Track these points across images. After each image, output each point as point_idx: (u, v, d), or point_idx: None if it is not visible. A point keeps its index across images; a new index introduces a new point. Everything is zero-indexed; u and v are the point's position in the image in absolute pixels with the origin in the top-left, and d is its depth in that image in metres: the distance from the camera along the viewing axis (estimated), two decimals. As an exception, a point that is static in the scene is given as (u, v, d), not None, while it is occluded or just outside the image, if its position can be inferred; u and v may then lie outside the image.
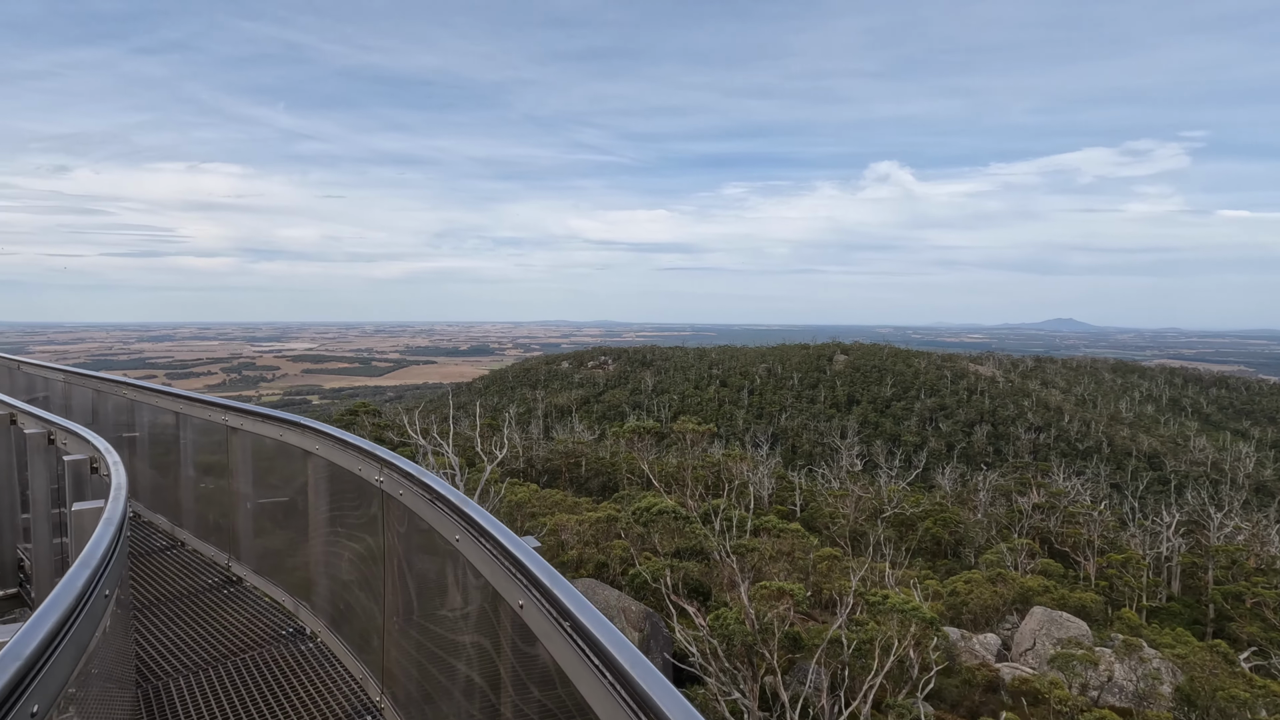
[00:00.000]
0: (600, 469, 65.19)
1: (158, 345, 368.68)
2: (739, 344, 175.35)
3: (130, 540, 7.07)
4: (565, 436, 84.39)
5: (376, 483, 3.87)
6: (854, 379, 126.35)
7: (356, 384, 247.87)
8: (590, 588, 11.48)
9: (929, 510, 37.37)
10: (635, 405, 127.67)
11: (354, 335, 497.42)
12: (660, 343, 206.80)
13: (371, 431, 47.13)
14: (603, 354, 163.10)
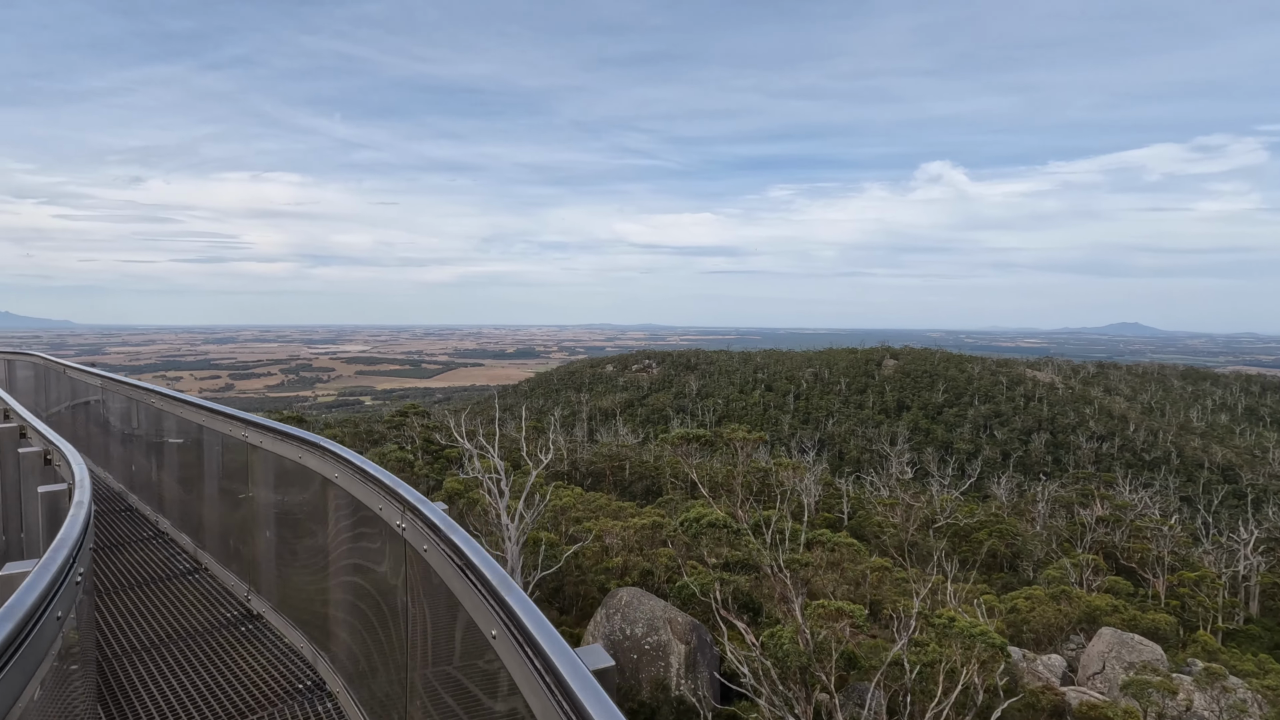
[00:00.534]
0: (644, 473, 65.02)
1: (221, 347, 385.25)
2: (785, 348, 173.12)
3: (159, 561, 6.84)
4: (609, 439, 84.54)
5: (398, 529, 3.33)
6: (904, 384, 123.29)
7: (407, 385, 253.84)
8: (635, 597, 11.28)
9: (984, 521, 36.03)
10: (679, 409, 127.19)
11: (405, 338, 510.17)
12: (705, 346, 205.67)
13: (421, 432, 47.98)
14: (647, 357, 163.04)
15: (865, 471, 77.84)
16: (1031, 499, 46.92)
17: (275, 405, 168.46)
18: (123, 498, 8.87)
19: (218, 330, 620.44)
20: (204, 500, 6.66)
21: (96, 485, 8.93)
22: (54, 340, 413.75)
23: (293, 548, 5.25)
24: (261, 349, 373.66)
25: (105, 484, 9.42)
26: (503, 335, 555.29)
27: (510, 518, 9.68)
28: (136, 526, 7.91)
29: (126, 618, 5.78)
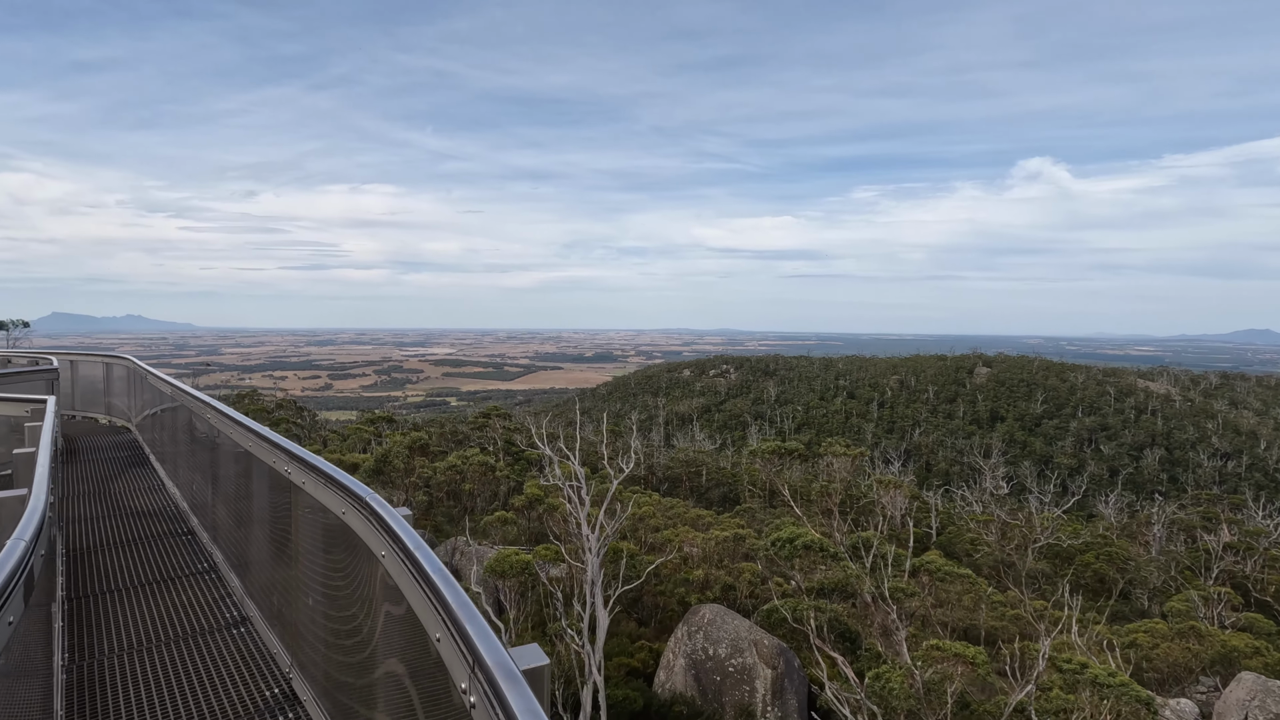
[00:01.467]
0: (721, 479, 64.20)
1: (322, 349, 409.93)
2: (868, 354, 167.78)
3: (206, 605, 6.00)
4: (686, 445, 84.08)
5: (462, 694, 2.11)
6: (998, 393, 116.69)
7: (490, 387, 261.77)
8: (719, 615, 10.85)
9: (1091, 543, 33.39)
10: (757, 415, 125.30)
11: (489, 341, 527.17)
12: (784, 351, 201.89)
13: (502, 434, 49.12)
14: (724, 362, 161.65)
15: (955, 484, 74.02)
16: (1145, 521, 43.17)
17: (368, 404, 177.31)
18: (185, 519, 8.40)
19: (319, 333, 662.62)
20: (251, 541, 5.89)
21: (163, 503, 8.84)
22: (178, 342, 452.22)
23: (338, 629, 4.11)
24: (357, 351, 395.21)
25: (174, 502, 8.96)
26: (581, 339, 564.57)
27: (590, 527, 9.52)
28: (192, 558, 7.27)
29: (161, 675, 4.92)
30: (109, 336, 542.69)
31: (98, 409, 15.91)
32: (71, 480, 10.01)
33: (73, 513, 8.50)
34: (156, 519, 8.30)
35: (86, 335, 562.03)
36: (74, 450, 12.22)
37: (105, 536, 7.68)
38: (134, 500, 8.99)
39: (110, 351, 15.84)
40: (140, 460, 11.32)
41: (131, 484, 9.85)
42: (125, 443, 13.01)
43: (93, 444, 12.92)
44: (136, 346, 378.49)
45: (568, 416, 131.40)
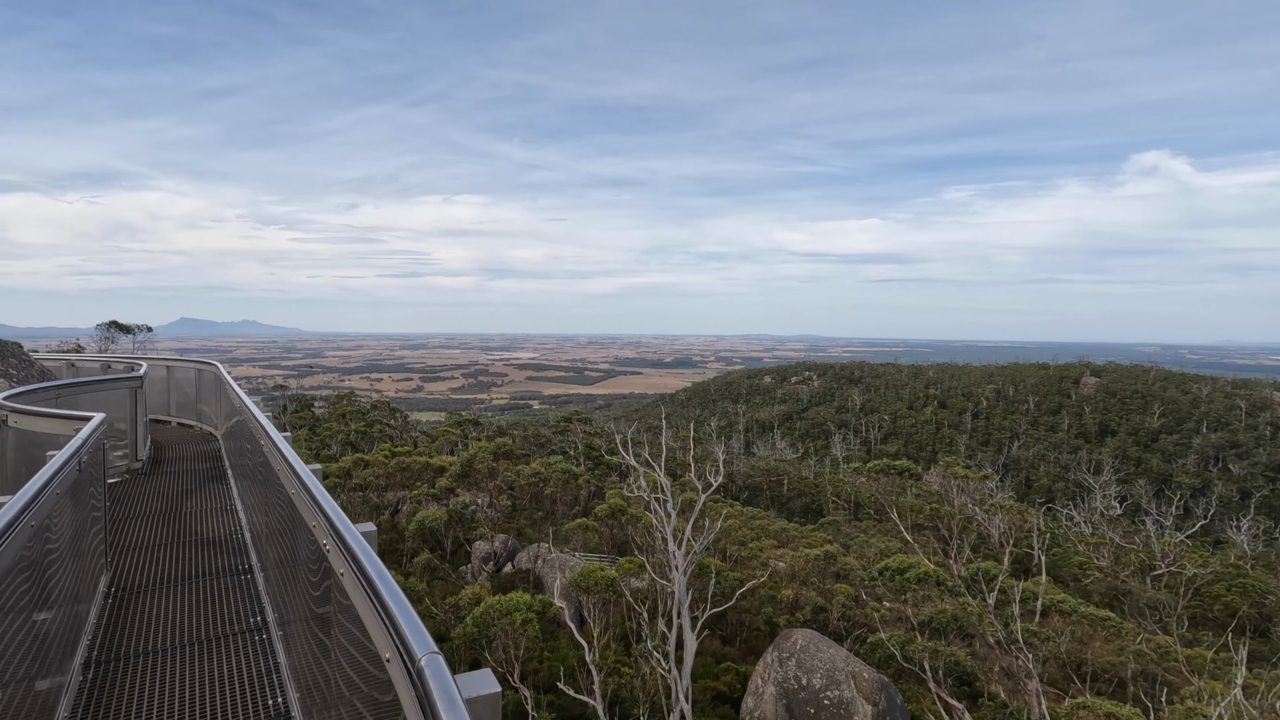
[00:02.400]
0: (803, 489, 62.53)
1: (414, 352, 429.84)
2: (960, 361, 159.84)
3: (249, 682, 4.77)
4: (766, 453, 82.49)
5: None
6: (1108, 405, 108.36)
7: (571, 391, 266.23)
8: (812, 642, 10.32)
9: (1221, 573, 30.30)
10: (841, 424, 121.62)
11: (570, 346, 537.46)
12: (870, 358, 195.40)
13: (583, 439, 49.70)
14: (807, 369, 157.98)
15: (1059, 502, 69.22)
16: (1286, 550, 38.86)
17: (456, 406, 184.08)
18: (246, 553, 7.40)
19: (412, 337, 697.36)
20: (293, 613, 4.68)
21: (230, 529, 8.11)
22: (286, 345, 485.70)
23: None
24: (447, 355, 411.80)
25: (239, 530, 8.18)
26: (661, 345, 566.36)
27: (676, 543, 9.27)
28: (246, 608, 6.02)
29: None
30: (227, 340, 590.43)
31: (190, 415, 15.73)
32: (146, 496, 9.49)
33: (133, 538, 7.81)
34: (219, 550, 7.51)
35: (208, 339, 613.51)
36: (159, 460, 11.92)
37: (160, 571, 6.83)
38: (202, 524, 8.41)
39: (199, 358, 15.48)
40: (218, 474, 10.92)
41: (204, 503, 9.31)
42: (210, 453, 12.68)
43: (180, 453, 12.68)
44: (251, 350, 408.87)
45: (647, 422, 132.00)
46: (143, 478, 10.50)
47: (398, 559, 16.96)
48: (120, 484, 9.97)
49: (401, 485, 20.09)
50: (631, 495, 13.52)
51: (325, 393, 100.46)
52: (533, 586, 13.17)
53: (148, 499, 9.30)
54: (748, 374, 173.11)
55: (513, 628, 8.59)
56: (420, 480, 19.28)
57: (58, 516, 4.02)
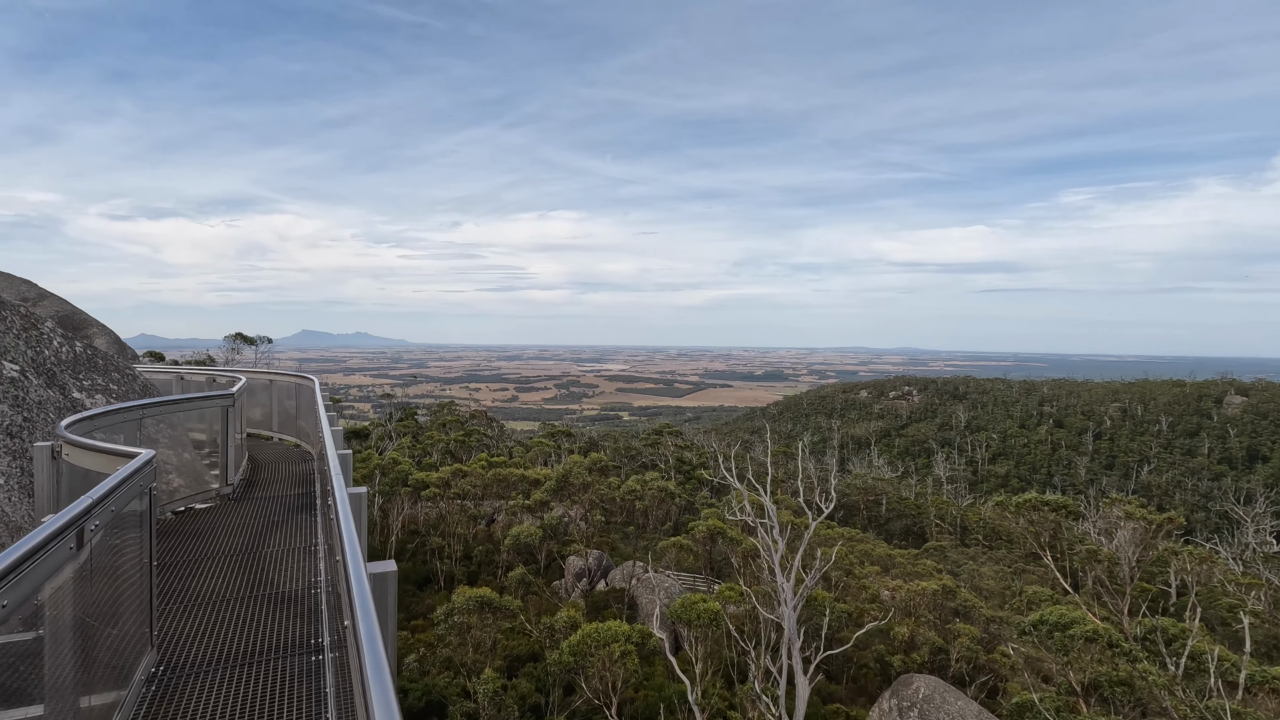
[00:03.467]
0: (903, 510, 59.42)
1: (510, 363, 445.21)
2: (1079, 377, 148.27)
3: None
4: (863, 471, 79.05)
5: None
6: (1258, 427, 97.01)
7: (660, 403, 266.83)
8: (937, 692, 9.28)
9: None
10: (944, 442, 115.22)
11: (660, 358, 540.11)
12: (975, 373, 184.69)
13: (674, 452, 49.30)
14: (906, 384, 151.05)
15: (1199, 535, 62.32)
16: None
17: (548, 416, 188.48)
18: (318, 618, 6.45)
19: (508, 349, 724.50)
20: None
21: (307, 582, 6.94)
22: (394, 356, 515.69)
23: None
24: (540, 366, 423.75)
25: (316, 584, 7.22)
26: (751, 357, 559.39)
27: (785, 573, 8.65)
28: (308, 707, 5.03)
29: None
30: (342, 351, 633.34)
31: (291, 432, 14.81)
32: (228, 530, 8.62)
33: (201, 588, 6.67)
34: (292, 612, 6.19)
35: (325, 350, 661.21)
36: (253, 482, 11.13)
37: (221, 644, 5.59)
38: (280, 570, 7.23)
39: (300, 372, 14.68)
40: (309, 503, 9.88)
41: (288, 540, 8.29)
42: (305, 475, 11.76)
43: (275, 474, 11.81)
44: (363, 360, 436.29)
45: (738, 436, 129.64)
46: (232, 504, 9.68)
47: (493, 570, 17.19)
48: (207, 511, 9.27)
49: (497, 495, 20.41)
50: (732, 518, 12.91)
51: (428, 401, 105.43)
52: (627, 608, 12.87)
53: (229, 533, 8.48)
54: (842, 388, 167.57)
55: (610, 659, 8.22)
56: (515, 491, 19.52)
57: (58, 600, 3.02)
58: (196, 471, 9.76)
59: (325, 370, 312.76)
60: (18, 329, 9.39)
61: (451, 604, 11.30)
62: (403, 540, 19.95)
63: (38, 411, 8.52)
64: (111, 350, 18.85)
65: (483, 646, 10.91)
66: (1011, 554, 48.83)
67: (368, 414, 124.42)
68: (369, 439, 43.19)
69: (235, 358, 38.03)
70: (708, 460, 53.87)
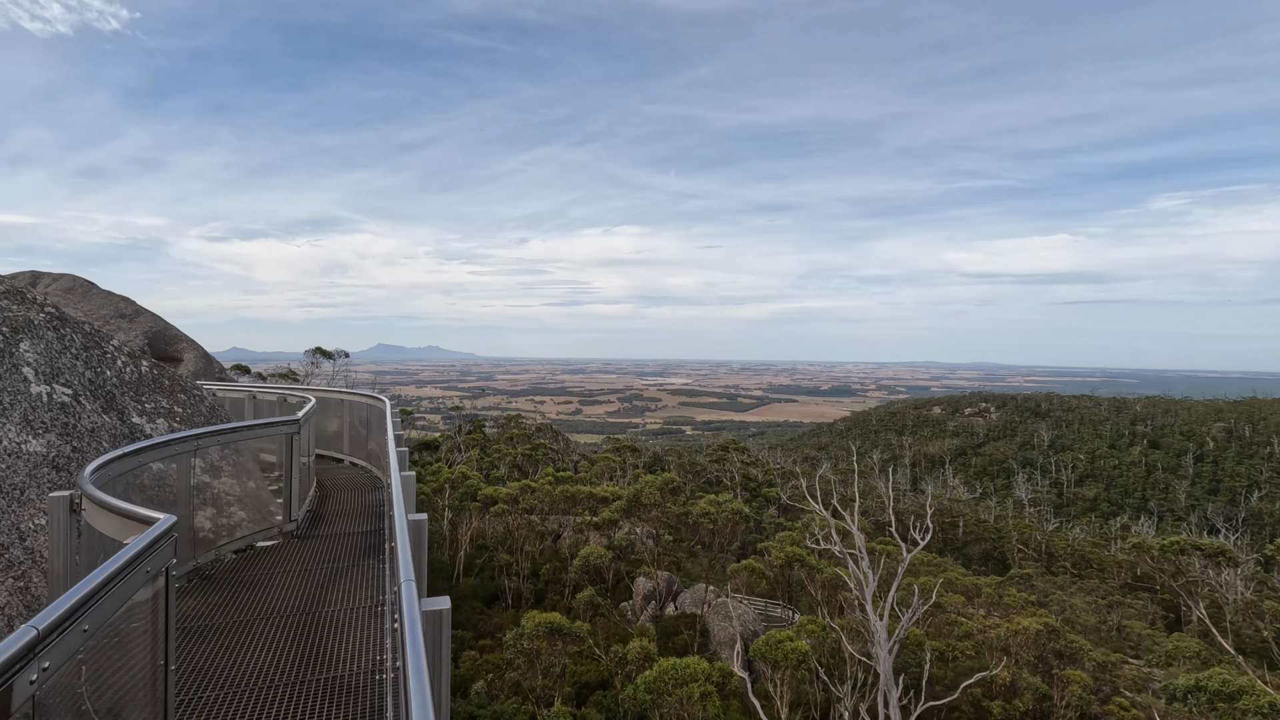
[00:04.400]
0: (982, 534, 56.46)
1: (574, 377, 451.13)
2: (1176, 394, 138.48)
3: None
4: (937, 490, 75.62)
5: None
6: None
7: (723, 418, 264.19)
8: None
9: None
10: (1025, 462, 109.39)
11: (723, 373, 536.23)
12: (1058, 389, 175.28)
13: (740, 469, 48.41)
14: (983, 400, 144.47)
15: (1324, 571, 56.64)
16: None
17: (611, 429, 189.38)
18: (377, 681, 5.68)
19: (572, 363, 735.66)
20: None
21: (369, 660, 5.74)
22: (463, 369, 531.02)
23: None
24: (603, 379, 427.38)
25: (380, 662, 6.13)
26: (817, 372, 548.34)
27: (876, 611, 8.00)
28: None
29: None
30: (414, 364, 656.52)
31: (362, 455, 13.77)
32: (285, 580, 7.38)
33: (244, 667, 5.33)
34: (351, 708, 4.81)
35: (399, 363, 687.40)
36: (320, 516, 9.95)
37: None
38: (340, 643, 5.86)
39: (371, 392, 13.73)
40: (376, 543, 8.64)
41: (352, 594, 6.91)
42: (374, 507, 10.53)
43: (344, 506, 10.58)
44: (434, 373, 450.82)
45: (804, 452, 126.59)
46: (296, 543, 8.64)
47: (560, 589, 17.02)
48: (269, 552, 8.29)
49: (563, 510, 20.33)
50: (814, 545, 12.24)
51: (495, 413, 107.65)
52: (699, 635, 12.41)
53: (287, 584, 7.23)
54: (914, 404, 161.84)
55: (689, 699, 7.76)
56: (582, 507, 19.38)
57: None
58: (261, 502, 8.79)
59: (398, 382, 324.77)
60: (77, 348, 8.74)
61: (521, 629, 11.11)
62: (471, 555, 20.13)
63: (89, 440, 7.83)
64: (199, 365, 19.79)
65: (551, 672, 10.69)
66: (1105, 585, 45.48)
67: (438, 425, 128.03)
68: (439, 450, 44.18)
69: (314, 371, 39.63)
70: (774, 478, 52.69)
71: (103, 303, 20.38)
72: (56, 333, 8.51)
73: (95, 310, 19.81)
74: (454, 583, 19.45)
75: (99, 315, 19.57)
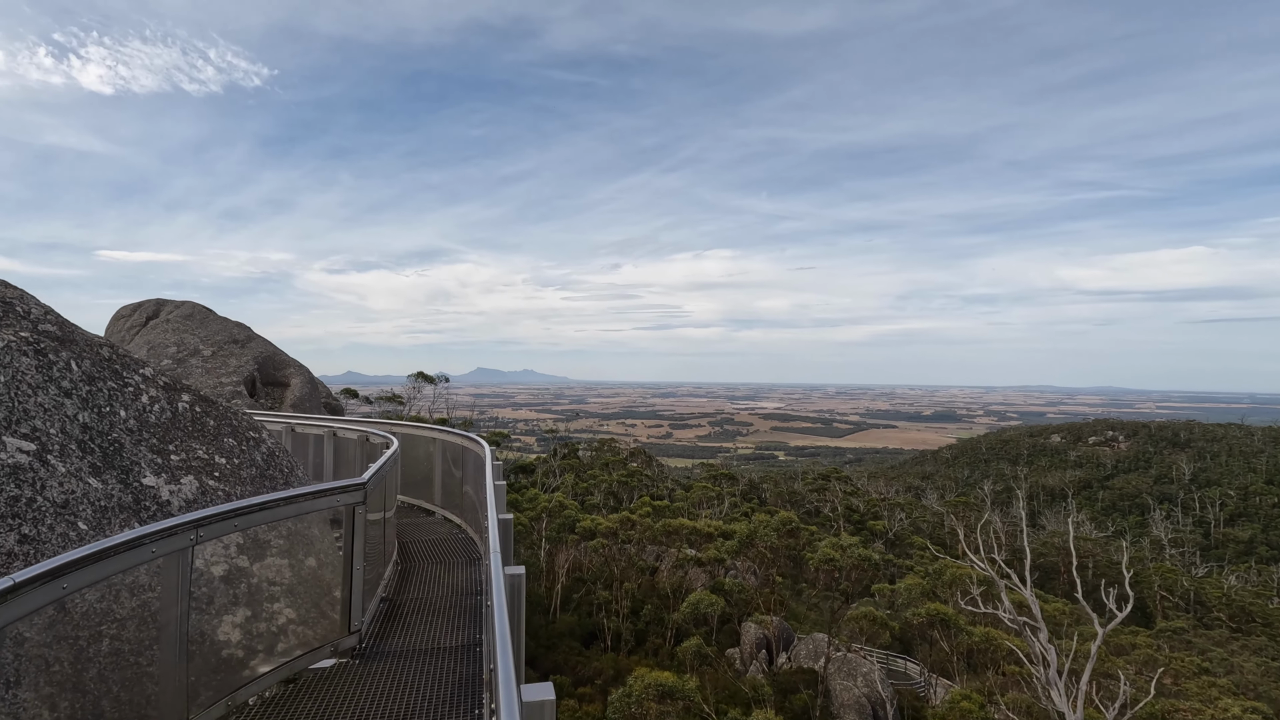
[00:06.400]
0: (1114, 578, 51.06)
1: (664, 400, 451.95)
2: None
3: None
4: (1058, 528, 69.22)
5: None
6: None
7: (818, 444, 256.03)
8: None
9: None
10: (1163, 498, 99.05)
11: (817, 396, 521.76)
12: (1198, 415, 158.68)
13: (842, 499, 45.99)
14: (1109, 428, 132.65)
15: None
16: None
17: (703, 454, 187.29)
18: None
19: (662, 386, 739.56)
20: None
21: None
22: (557, 392, 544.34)
23: None
24: (694, 403, 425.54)
25: None
26: (918, 396, 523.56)
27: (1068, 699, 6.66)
28: None
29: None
30: (510, 387, 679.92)
31: (455, 510, 11.14)
32: None
33: None
34: None
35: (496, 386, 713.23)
36: (395, 610, 6.97)
37: None
38: None
39: (470, 436, 10.52)
40: (473, 675, 5.46)
41: None
42: (470, 596, 7.50)
43: (430, 593, 7.56)
44: (529, 396, 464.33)
45: (906, 481, 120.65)
46: (358, 667, 5.53)
47: (661, 630, 16.15)
48: (325, 682, 5.22)
49: (662, 541, 19.57)
50: (966, 604, 10.84)
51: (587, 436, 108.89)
52: (820, 695, 11.25)
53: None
54: (1028, 431, 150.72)
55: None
56: (680, 540, 18.55)
57: None
58: (316, 597, 5.91)
59: (495, 405, 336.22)
60: (74, 379, 6.13)
61: (629, 689, 10.40)
62: (568, 587, 19.64)
63: (56, 520, 4.90)
64: (305, 390, 20.60)
65: (658, 731, 9.98)
66: (1277, 643, 40.02)
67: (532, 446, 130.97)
68: (534, 474, 44.62)
69: (417, 394, 41.04)
70: (879, 509, 49.70)
71: (218, 328, 21.74)
72: (39, 358, 5.98)
73: (211, 335, 21.16)
74: (550, 617, 19.05)
75: (214, 340, 20.87)
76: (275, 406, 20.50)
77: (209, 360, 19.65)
